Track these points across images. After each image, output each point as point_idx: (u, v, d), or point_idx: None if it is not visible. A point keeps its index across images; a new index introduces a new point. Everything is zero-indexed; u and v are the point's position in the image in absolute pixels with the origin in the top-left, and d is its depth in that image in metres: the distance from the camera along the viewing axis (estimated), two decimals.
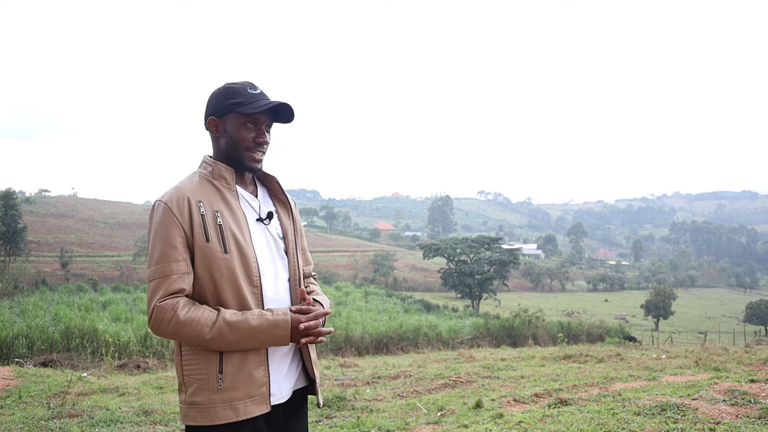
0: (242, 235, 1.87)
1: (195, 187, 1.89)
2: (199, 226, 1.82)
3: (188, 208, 1.83)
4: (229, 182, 1.93)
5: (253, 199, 1.98)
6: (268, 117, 1.94)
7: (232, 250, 1.83)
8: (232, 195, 1.92)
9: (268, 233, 1.96)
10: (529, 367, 9.17)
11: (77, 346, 12.76)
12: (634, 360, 9.53)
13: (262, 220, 1.96)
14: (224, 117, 1.92)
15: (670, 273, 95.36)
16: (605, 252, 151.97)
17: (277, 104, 1.91)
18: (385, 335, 18.58)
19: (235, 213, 1.89)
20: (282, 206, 2.07)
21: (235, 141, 1.91)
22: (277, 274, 1.94)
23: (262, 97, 1.92)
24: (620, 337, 20.96)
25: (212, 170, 1.94)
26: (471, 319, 25.79)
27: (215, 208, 1.86)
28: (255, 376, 1.83)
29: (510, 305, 39.94)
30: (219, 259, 1.81)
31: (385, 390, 7.53)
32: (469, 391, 7.10)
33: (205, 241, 1.81)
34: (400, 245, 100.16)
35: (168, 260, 1.79)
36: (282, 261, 1.97)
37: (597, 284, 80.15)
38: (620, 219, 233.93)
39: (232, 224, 1.86)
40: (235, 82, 1.95)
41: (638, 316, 49.87)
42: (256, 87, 1.94)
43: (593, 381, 6.85)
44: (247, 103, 1.89)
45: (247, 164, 1.94)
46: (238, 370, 1.81)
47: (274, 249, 1.96)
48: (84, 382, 7.82)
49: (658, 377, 6.77)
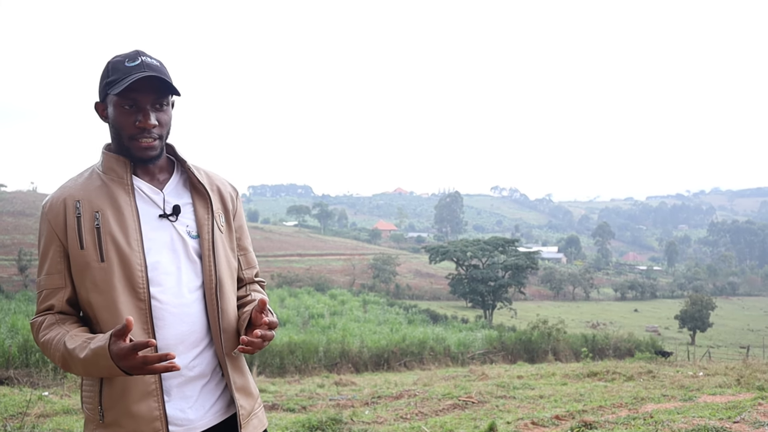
0: (126, 238, 1.74)
1: (79, 185, 1.81)
2: (74, 231, 1.74)
3: (63, 212, 1.76)
4: (120, 174, 1.80)
5: (156, 192, 1.84)
6: (149, 94, 1.74)
7: (111, 257, 1.72)
8: (124, 190, 1.79)
9: (174, 232, 1.82)
10: (548, 386, 9.17)
11: (37, 362, 12.75)
12: (668, 378, 9.53)
13: (167, 216, 1.82)
14: (105, 100, 1.80)
15: (708, 279, 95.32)
16: (635, 256, 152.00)
17: (147, 77, 1.72)
18: (386, 349, 18.60)
19: (122, 212, 1.76)
20: (200, 198, 1.90)
21: (117, 128, 1.78)
22: (182, 282, 1.79)
23: (136, 71, 1.72)
24: (652, 352, 20.98)
25: (102, 162, 1.84)
26: (483, 332, 25.82)
27: (96, 208, 1.76)
28: (137, 411, 1.71)
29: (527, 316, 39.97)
30: (95, 269, 1.72)
31: (387, 411, 7.53)
32: (482, 412, 7.10)
33: (80, 248, 1.73)
34: (403, 248, 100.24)
35: (42, 273, 1.78)
36: (192, 265, 1.82)
37: (625, 292, 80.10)
38: (652, 218, 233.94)
39: (114, 226, 1.74)
40: (119, 54, 1.80)
41: (672, 329, 49.84)
42: (137, 57, 1.76)
43: (621, 401, 6.85)
44: (119, 81, 1.72)
45: (135, 154, 1.78)
46: (115, 404, 1.72)
47: (180, 251, 1.81)
48: (45, 402, 7.82)
49: (695, 397, 6.77)
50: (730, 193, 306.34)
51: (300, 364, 16.67)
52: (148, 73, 1.72)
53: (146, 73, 1.71)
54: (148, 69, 1.73)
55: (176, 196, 1.88)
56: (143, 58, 1.76)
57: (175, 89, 1.78)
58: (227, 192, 2.00)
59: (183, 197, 1.89)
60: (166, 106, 1.81)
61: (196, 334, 1.80)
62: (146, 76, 1.72)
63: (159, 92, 1.77)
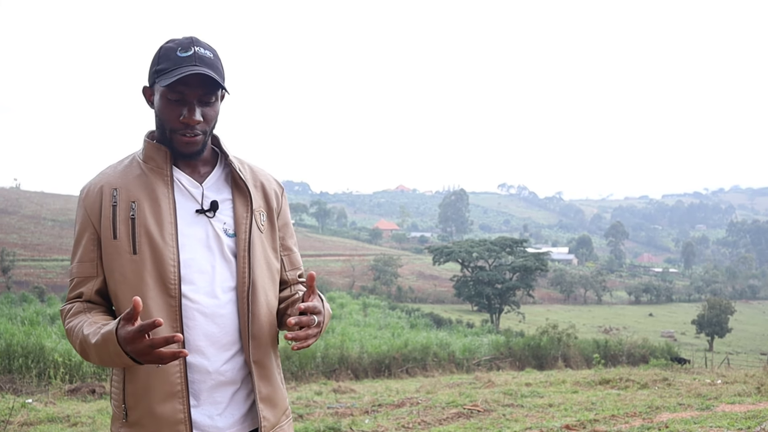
0: (161, 231, 1.75)
1: (118, 172, 1.83)
2: (108, 220, 1.76)
3: (100, 199, 1.79)
4: (160, 165, 1.81)
5: (195, 186, 1.84)
6: (198, 89, 1.73)
7: (144, 250, 1.73)
8: (163, 181, 1.80)
9: (210, 229, 1.81)
10: (558, 394, 9.19)
11: (20, 367, 12.77)
12: (684, 386, 9.54)
13: (204, 211, 1.82)
14: (153, 87, 1.80)
15: (728, 282, 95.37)
16: (650, 257, 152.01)
17: (196, 74, 1.71)
18: (388, 355, 18.61)
19: (159, 204, 1.77)
20: (241, 194, 1.89)
21: (161, 119, 1.79)
22: (216, 282, 1.79)
23: (187, 63, 1.71)
24: (667, 359, 21.01)
25: (143, 150, 1.85)
26: (489, 337, 25.85)
27: (132, 198, 1.77)
28: (161, 412, 1.72)
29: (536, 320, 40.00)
30: (126, 261, 1.74)
31: (388, 420, 7.54)
32: (488, 422, 7.11)
33: (113, 238, 1.75)
34: (406, 248, 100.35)
35: (74, 260, 1.81)
36: (226, 265, 1.82)
37: (640, 295, 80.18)
38: (668, 218, 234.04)
39: (149, 218, 1.75)
40: (173, 39, 1.79)
41: (689, 334, 49.90)
42: (190, 47, 1.74)
43: (635, 410, 6.86)
44: (168, 71, 1.71)
45: (177, 148, 1.79)
46: (138, 402, 1.74)
47: (215, 249, 1.81)
48: (29, 410, 7.84)
49: (713, 406, 6.78)
50: (751, 191, 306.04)
51: (296, 370, 16.68)
52: (198, 70, 1.70)
53: (196, 69, 1.70)
54: (199, 62, 1.72)
55: (216, 191, 1.87)
56: (196, 48, 1.75)
57: (224, 87, 1.78)
58: (272, 189, 1.99)
59: (223, 192, 1.88)
60: (214, 101, 1.80)
61: (227, 337, 1.80)
62: (195, 73, 1.71)
63: (207, 88, 1.75)
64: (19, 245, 60.06)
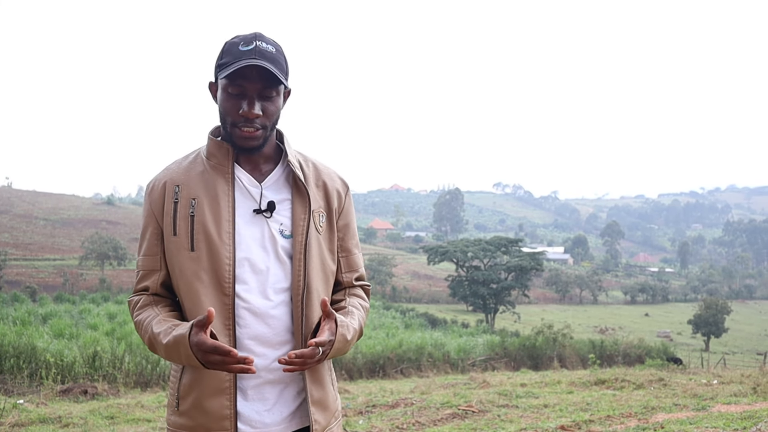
0: (218, 230, 1.78)
1: (182, 169, 1.87)
2: (169, 217, 1.81)
3: (163, 195, 1.83)
4: (222, 162, 1.84)
5: (255, 185, 1.86)
6: (257, 82, 1.76)
7: (201, 248, 1.77)
8: (224, 178, 1.83)
9: (267, 229, 1.84)
10: (554, 394, 9.20)
11: (11, 368, 12.73)
12: (680, 386, 9.57)
13: (262, 211, 1.83)
14: (217, 82, 1.84)
15: (724, 282, 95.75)
16: (646, 257, 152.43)
17: (252, 66, 1.73)
18: (382, 356, 18.61)
19: (219, 202, 1.80)
20: (300, 195, 1.89)
21: (223, 113, 1.82)
22: (269, 282, 1.81)
23: (247, 56, 1.73)
24: (663, 359, 21.02)
25: (207, 146, 1.89)
26: (485, 337, 25.88)
27: (193, 195, 1.81)
28: (209, 406, 1.77)
29: (532, 320, 40.07)
30: (184, 257, 1.79)
31: (382, 421, 7.55)
32: (483, 422, 7.12)
33: (173, 234, 1.80)
34: (400, 248, 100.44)
35: (140, 253, 1.88)
36: (281, 266, 1.83)
37: (636, 295, 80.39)
38: (664, 217, 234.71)
39: (208, 216, 1.79)
40: (238, 35, 1.83)
41: (685, 334, 50.06)
42: (252, 41, 1.76)
43: (631, 411, 6.88)
44: (229, 65, 1.75)
45: (236, 143, 1.81)
46: (189, 394, 1.80)
47: (270, 250, 1.83)
48: (20, 411, 7.81)
49: (709, 407, 6.81)
50: (747, 191, 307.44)
51: None
52: (257, 62, 1.73)
53: (255, 61, 1.73)
54: (259, 56, 1.74)
55: (275, 190, 1.89)
56: (258, 42, 1.77)
57: (283, 81, 1.79)
58: (334, 188, 1.99)
59: (282, 192, 1.89)
60: (276, 96, 1.83)
61: (278, 337, 1.82)
62: (252, 64, 1.73)
63: (268, 81, 1.78)
64: (10, 244, 59.88)
